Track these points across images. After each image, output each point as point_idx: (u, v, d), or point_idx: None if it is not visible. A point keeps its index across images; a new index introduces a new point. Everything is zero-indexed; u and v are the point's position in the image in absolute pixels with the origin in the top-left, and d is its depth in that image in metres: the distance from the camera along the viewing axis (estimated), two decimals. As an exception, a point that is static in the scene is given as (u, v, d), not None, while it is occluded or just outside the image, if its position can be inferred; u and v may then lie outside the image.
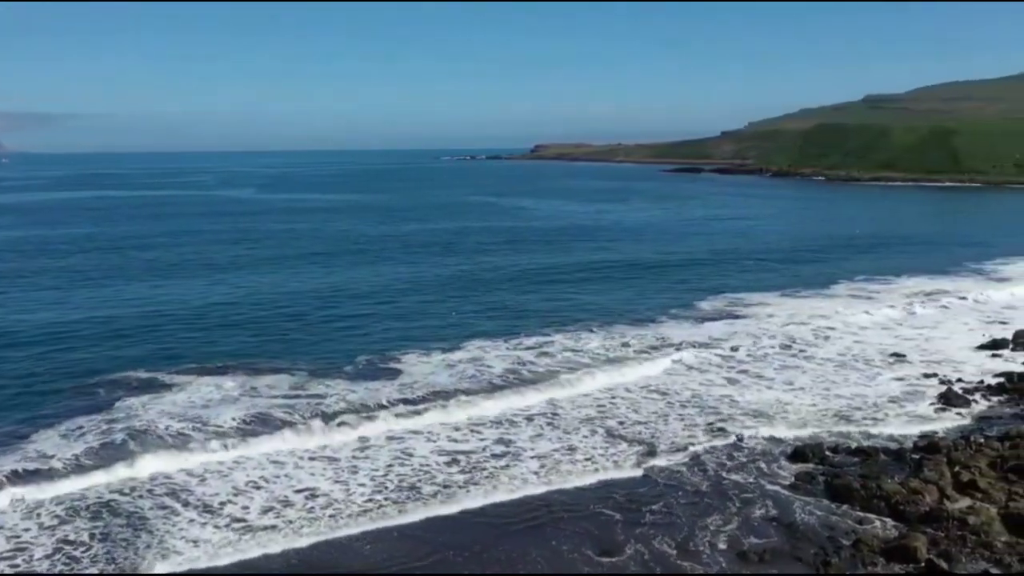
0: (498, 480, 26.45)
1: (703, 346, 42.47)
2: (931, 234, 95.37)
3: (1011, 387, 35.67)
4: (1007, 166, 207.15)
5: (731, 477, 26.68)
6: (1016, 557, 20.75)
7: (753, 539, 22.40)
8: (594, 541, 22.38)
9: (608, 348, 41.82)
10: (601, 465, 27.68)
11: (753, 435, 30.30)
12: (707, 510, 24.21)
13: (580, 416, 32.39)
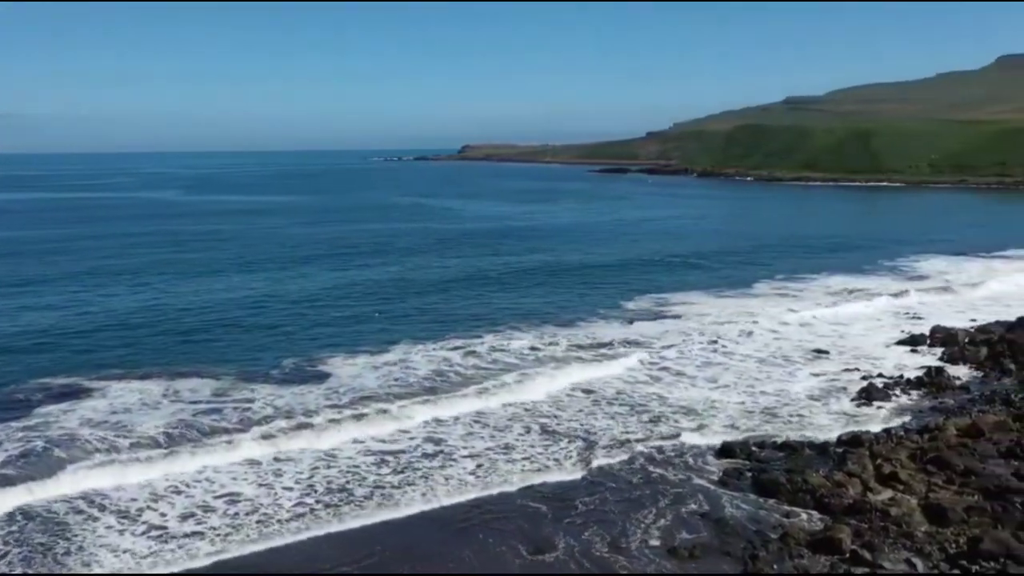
0: (430, 481, 26.31)
1: (633, 345, 42.87)
2: (850, 233, 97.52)
3: (929, 381, 36.64)
4: (922, 166, 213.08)
5: (662, 474, 26.93)
6: (936, 546, 21.30)
7: (683, 535, 22.63)
8: (526, 540, 22.39)
9: (538, 348, 41.90)
10: (534, 464, 27.74)
11: (682, 432, 30.66)
12: (638, 507, 24.40)
13: (512, 415, 32.43)
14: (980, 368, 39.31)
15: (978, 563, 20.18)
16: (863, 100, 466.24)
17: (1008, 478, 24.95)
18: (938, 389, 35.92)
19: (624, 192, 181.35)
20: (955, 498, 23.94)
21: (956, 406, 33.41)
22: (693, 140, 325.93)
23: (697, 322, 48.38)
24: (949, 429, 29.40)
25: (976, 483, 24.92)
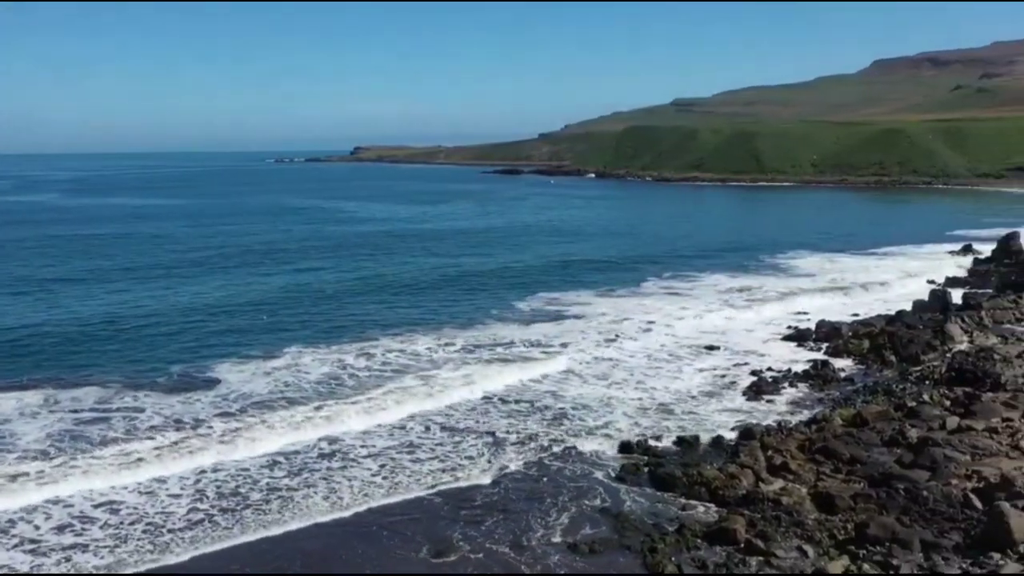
0: (327, 486, 26.05)
1: (531, 345, 43.16)
2: (735, 231, 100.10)
3: (815, 374, 37.88)
4: (805, 165, 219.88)
5: (562, 471, 27.20)
6: (826, 533, 22.05)
7: (584, 530, 22.93)
8: (428, 541, 22.36)
9: (435, 350, 41.85)
10: (435, 465, 27.71)
11: (581, 430, 31.04)
12: (539, 504, 24.60)
13: (410, 416, 32.27)
14: (863, 360, 40.78)
15: (865, 547, 20.96)
16: (747, 102, 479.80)
17: (891, 465, 25.99)
18: (824, 382, 37.16)
19: (520, 193, 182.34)
20: (842, 486, 24.83)
21: (841, 397, 34.64)
22: (584, 141, 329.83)
23: (593, 321, 48.92)
24: (835, 420, 30.46)
25: (862, 471, 25.90)
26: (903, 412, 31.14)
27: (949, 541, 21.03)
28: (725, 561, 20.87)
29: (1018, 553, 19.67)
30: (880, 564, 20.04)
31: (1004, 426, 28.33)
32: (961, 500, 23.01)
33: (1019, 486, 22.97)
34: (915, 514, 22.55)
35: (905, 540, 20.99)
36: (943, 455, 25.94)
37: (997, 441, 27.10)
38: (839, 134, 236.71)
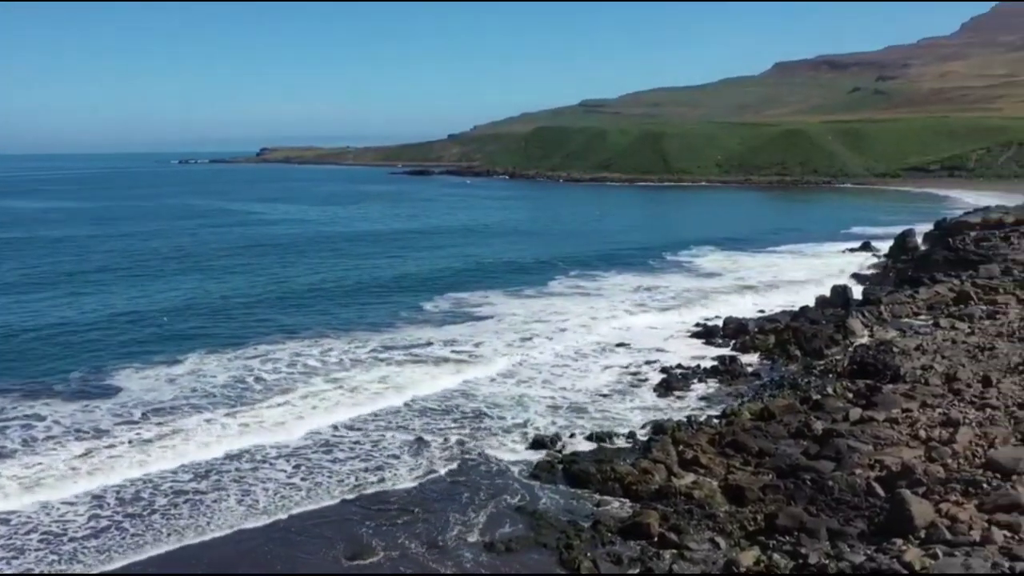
0: (240, 491, 25.59)
1: (443, 345, 43.08)
2: (642, 230, 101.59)
3: (723, 370, 38.61)
4: (710, 166, 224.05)
5: (478, 471, 27.20)
6: (737, 525, 22.50)
7: (500, 529, 22.97)
8: (344, 545, 22.14)
9: (346, 352, 41.43)
10: (349, 467, 27.45)
11: (497, 429, 31.10)
12: (455, 505, 24.56)
13: (321, 419, 31.83)
14: (769, 356, 41.70)
15: (775, 538, 21.45)
16: (653, 103, 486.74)
17: (798, 457, 26.63)
18: (732, 377, 37.90)
19: (431, 194, 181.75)
20: (752, 478, 25.36)
21: (749, 392, 35.39)
22: (494, 142, 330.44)
23: (504, 322, 48.99)
24: (744, 414, 31.09)
25: (770, 463, 26.48)
26: (808, 405, 31.92)
27: (854, 529, 21.63)
28: (640, 555, 21.13)
29: (919, 538, 20.31)
30: (789, 553, 20.52)
31: (904, 416, 29.23)
32: (865, 489, 23.70)
33: (919, 474, 23.75)
34: (821, 504, 23.16)
35: (812, 529, 21.53)
36: (847, 446, 26.65)
37: (897, 431, 27.95)
38: (743, 135, 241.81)
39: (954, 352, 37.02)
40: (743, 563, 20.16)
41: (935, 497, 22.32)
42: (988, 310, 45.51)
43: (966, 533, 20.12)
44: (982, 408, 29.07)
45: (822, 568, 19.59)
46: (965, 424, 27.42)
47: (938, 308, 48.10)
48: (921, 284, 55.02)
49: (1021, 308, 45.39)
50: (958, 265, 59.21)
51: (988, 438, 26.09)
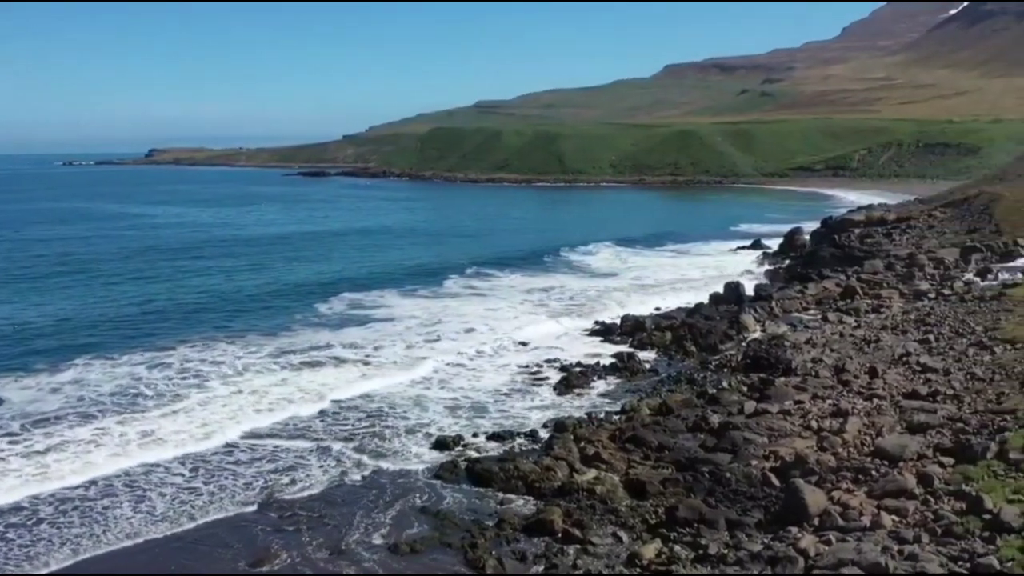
0: (135, 503, 24.86)
1: (342, 348, 42.63)
2: (539, 230, 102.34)
3: (622, 366, 39.15)
4: (604, 166, 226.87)
5: (381, 473, 26.97)
6: (638, 518, 22.85)
7: (405, 530, 22.84)
8: (246, 552, 21.73)
9: (241, 357, 40.57)
10: (250, 473, 26.92)
11: (399, 431, 30.92)
12: (359, 508, 24.30)
13: (217, 424, 31.13)
14: (666, 352, 42.45)
15: (675, 530, 21.86)
16: (547, 104, 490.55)
17: (696, 450, 27.20)
18: (631, 373, 38.47)
19: (327, 195, 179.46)
20: (652, 472, 25.78)
21: (647, 388, 35.97)
22: (390, 143, 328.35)
23: (401, 324, 48.63)
24: (643, 409, 31.59)
25: (669, 457, 26.98)
26: (705, 399, 32.64)
27: (752, 518, 22.19)
28: (544, 551, 21.29)
29: (813, 525, 20.94)
30: (690, 544, 20.93)
31: (796, 408, 30.11)
32: (760, 479, 24.35)
33: (811, 463, 24.50)
34: (720, 495, 23.69)
35: (712, 520, 22.01)
36: (743, 438, 27.34)
37: (790, 422, 28.78)
38: (636, 136, 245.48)
39: (842, 345, 38.27)
40: (645, 555, 20.50)
41: (827, 485, 23.06)
42: (873, 304, 47.20)
43: (857, 519, 20.82)
44: (869, 398, 30.13)
45: (721, 557, 20.06)
46: (854, 414, 28.38)
47: (826, 303, 49.72)
48: (810, 280, 56.82)
49: (904, 302, 47.19)
50: (844, 261, 61.26)
51: (876, 427, 27.06)
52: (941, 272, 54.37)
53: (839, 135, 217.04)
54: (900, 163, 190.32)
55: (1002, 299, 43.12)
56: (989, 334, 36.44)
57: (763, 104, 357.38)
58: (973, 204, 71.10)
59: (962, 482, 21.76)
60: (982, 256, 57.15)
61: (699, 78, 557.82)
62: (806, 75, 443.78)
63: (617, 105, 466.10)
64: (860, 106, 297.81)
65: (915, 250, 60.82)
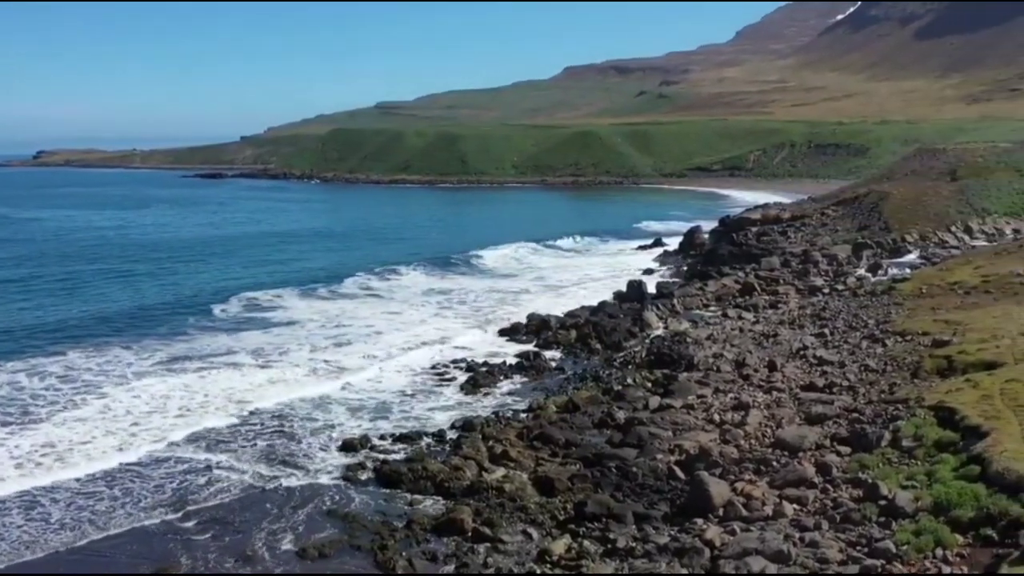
0: (32, 516, 23.97)
1: (249, 353, 41.88)
2: (442, 231, 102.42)
3: (528, 365, 39.33)
4: (507, 167, 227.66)
5: (287, 477, 26.54)
6: (548, 515, 22.99)
7: (313, 535, 22.52)
8: (152, 563, 21.14)
9: (133, 364, 39.35)
10: (153, 482, 26.20)
11: (305, 433, 30.50)
12: (264, 514, 23.86)
13: (111, 431, 30.27)
14: (571, 350, 42.78)
15: (584, 525, 22.06)
16: (448, 106, 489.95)
17: (603, 446, 27.53)
18: (537, 372, 38.68)
19: (226, 197, 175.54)
20: (560, 469, 25.98)
21: (554, 386, 36.22)
22: (290, 144, 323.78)
23: (300, 328, 47.96)
24: (549, 407, 31.83)
25: (577, 453, 27.25)
26: (610, 396, 33.07)
27: (658, 511, 22.55)
28: (454, 551, 21.25)
29: (718, 516, 21.38)
30: (599, 539, 21.16)
31: (699, 402, 30.73)
32: (666, 473, 24.77)
33: (715, 456, 25.03)
34: (627, 489, 24.02)
35: (619, 514, 22.28)
36: (648, 433, 27.76)
37: (694, 416, 29.35)
38: (537, 137, 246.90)
39: (742, 340, 39.19)
40: (555, 551, 20.65)
41: (731, 477, 23.60)
42: (771, 300, 48.48)
43: (760, 509, 21.35)
44: (769, 391, 30.94)
45: (630, 551, 20.33)
46: (755, 407, 29.10)
47: (726, 299, 50.85)
48: (709, 278, 58.03)
49: (800, 297, 48.55)
50: (742, 259, 62.73)
51: (776, 419, 27.78)
52: (834, 268, 56.13)
53: (734, 136, 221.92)
54: (793, 163, 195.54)
55: (892, 293, 44.74)
56: (881, 327, 37.76)
57: (661, 106, 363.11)
58: (863, 202, 73.55)
59: (858, 470, 22.48)
60: (873, 252, 59.19)
61: (598, 80, 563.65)
62: (702, 77, 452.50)
63: (518, 106, 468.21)
64: (754, 108, 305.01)
65: (809, 247, 62.65)
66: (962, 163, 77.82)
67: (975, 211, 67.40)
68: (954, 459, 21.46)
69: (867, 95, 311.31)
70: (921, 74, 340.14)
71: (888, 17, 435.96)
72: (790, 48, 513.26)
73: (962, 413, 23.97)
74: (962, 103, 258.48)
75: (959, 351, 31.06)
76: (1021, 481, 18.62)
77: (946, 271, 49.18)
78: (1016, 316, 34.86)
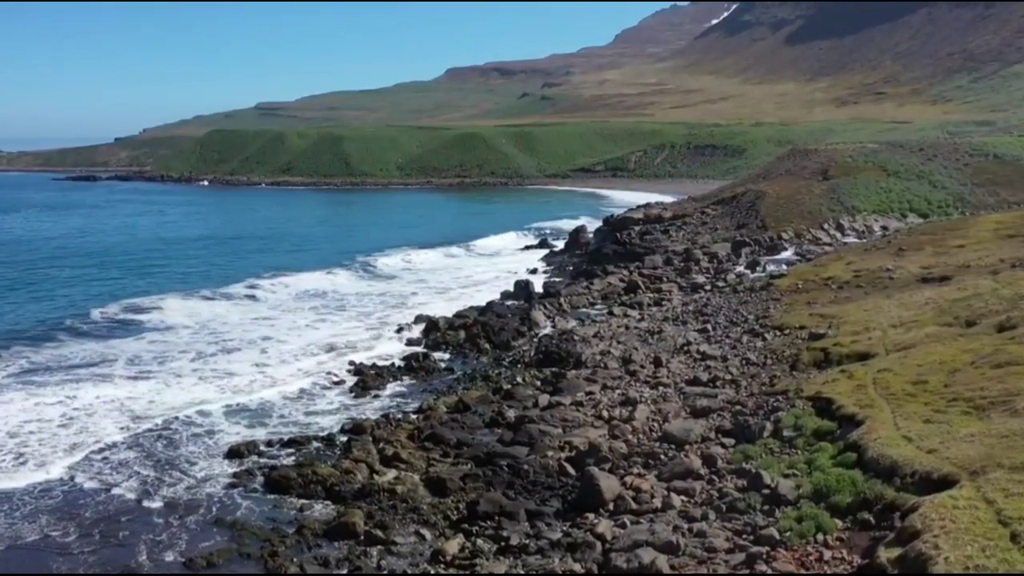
0: None
1: (122, 357, 40.59)
2: (327, 233, 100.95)
3: (418, 366, 39.18)
4: (391, 168, 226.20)
5: (171, 487, 25.82)
6: (440, 515, 22.96)
7: (200, 544, 21.97)
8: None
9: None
10: (29, 496, 25.13)
11: (188, 441, 29.71)
12: (150, 526, 23.16)
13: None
14: (460, 350, 42.80)
15: (477, 524, 22.11)
16: (330, 107, 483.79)
17: (494, 445, 27.64)
18: (427, 373, 38.58)
19: (100, 200, 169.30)
20: (452, 469, 25.98)
21: (444, 386, 36.19)
22: (166, 146, 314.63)
23: (186, 333, 46.91)
24: (440, 408, 31.80)
25: (468, 453, 27.30)
26: (500, 395, 33.24)
27: (550, 508, 22.75)
28: (347, 555, 21.03)
29: (609, 510, 21.71)
30: (492, 537, 21.24)
31: (588, 399, 31.15)
32: (557, 469, 25.02)
33: (604, 451, 25.39)
34: (519, 487, 24.17)
35: (512, 512, 22.41)
36: (538, 430, 27.99)
37: (583, 413, 29.75)
38: (421, 138, 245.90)
39: (628, 337, 39.87)
40: (449, 551, 20.63)
41: (620, 471, 23.99)
42: (655, 297, 49.45)
43: (649, 502, 21.77)
44: (655, 387, 31.58)
45: (523, 548, 20.47)
46: (642, 402, 29.66)
47: (611, 297, 51.64)
48: (595, 276, 58.80)
49: (683, 294, 49.64)
50: (626, 258, 63.76)
51: (662, 413, 28.35)
52: (715, 266, 57.62)
53: (616, 137, 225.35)
54: (674, 164, 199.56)
55: (770, 289, 46.17)
56: (760, 322, 38.96)
57: (543, 107, 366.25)
58: (741, 201, 75.63)
59: (742, 461, 23.13)
60: (751, 250, 60.96)
61: (481, 82, 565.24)
62: (583, 80, 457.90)
63: (400, 108, 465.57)
64: (635, 110, 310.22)
65: (691, 245, 64.13)
66: (833, 163, 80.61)
67: (846, 209, 70.13)
68: (832, 447, 22.28)
69: (742, 98, 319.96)
70: (792, 77, 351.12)
71: (760, 22, 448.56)
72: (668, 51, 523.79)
73: (838, 403, 24.91)
74: (832, 105, 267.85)
75: (834, 343, 32.26)
76: (895, 466, 19.42)
77: (820, 267, 50.99)
78: (886, 309, 36.37)
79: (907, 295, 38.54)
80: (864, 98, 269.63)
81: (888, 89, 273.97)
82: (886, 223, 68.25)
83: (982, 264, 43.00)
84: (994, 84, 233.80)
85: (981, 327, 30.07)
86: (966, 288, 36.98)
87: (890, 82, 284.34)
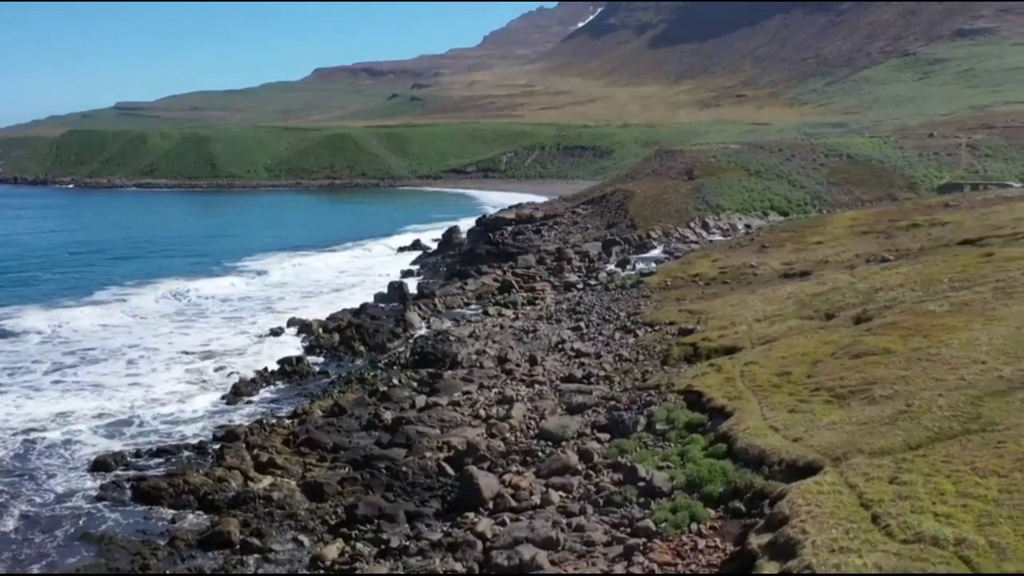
0: None
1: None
2: (195, 237, 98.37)
3: (291, 369, 38.53)
4: (259, 170, 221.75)
5: (31, 503, 24.66)
6: (318, 520, 22.66)
7: (65, 561, 21.04)
8: None
9: None
10: None
11: (51, 452, 28.47)
12: (5, 543, 22.05)
13: None
14: (334, 353, 42.35)
15: (356, 528, 21.89)
16: (193, 107, 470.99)
17: (372, 447, 27.41)
18: (301, 377, 37.99)
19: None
20: (329, 473, 25.66)
21: (319, 390, 35.69)
22: (19, 147, 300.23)
23: (46, 344, 45.03)
24: (315, 411, 31.36)
25: (345, 456, 26.99)
26: (377, 397, 32.99)
27: (430, 508, 22.71)
28: (223, 565, 20.55)
29: (488, 509, 21.80)
30: (371, 540, 21.05)
31: (465, 399, 31.22)
32: (436, 470, 24.98)
33: (483, 450, 25.49)
34: (398, 489, 24.03)
35: (391, 514, 22.28)
36: (416, 432, 27.91)
37: (460, 413, 29.80)
38: (290, 139, 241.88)
39: (503, 336, 40.14)
40: (328, 557, 20.37)
41: (499, 470, 24.13)
42: (529, 297, 49.92)
43: (528, 498, 21.95)
44: (531, 385, 31.87)
45: (403, 549, 20.37)
46: (518, 400, 29.91)
47: (486, 297, 51.91)
48: (469, 276, 59.00)
49: (556, 293, 50.26)
50: (500, 258, 64.18)
51: (539, 411, 28.64)
52: (587, 264, 58.54)
53: (487, 139, 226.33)
54: (544, 164, 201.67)
55: (640, 287, 47.18)
56: (632, 319, 39.76)
57: (413, 108, 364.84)
58: (610, 201, 77.06)
59: (618, 455, 23.54)
60: (621, 248, 62.19)
61: (349, 82, 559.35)
62: (452, 81, 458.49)
63: (266, 108, 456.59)
64: (505, 111, 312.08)
65: (563, 245, 64.98)
66: (698, 163, 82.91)
67: (711, 208, 72.25)
68: (703, 439, 22.91)
69: (609, 99, 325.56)
70: (656, 80, 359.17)
71: (624, 25, 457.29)
72: (536, 53, 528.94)
73: (708, 396, 25.64)
74: (695, 107, 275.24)
75: (703, 338, 33.19)
76: (763, 455, 20.10)
77: (688, 264, 52.38)
78: (750, 304, 37.62)
79: (770, 290, 39.94)
80: (725, 100, 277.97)
81: (748, 92, 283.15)
82: (749, 221, 70.58)
83: (839, 260, 44.87)
84: (846, 87, 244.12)
85: (840, 320, 31.39)
86: (825, 283, 38.55)
87: (750, 85, 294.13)
